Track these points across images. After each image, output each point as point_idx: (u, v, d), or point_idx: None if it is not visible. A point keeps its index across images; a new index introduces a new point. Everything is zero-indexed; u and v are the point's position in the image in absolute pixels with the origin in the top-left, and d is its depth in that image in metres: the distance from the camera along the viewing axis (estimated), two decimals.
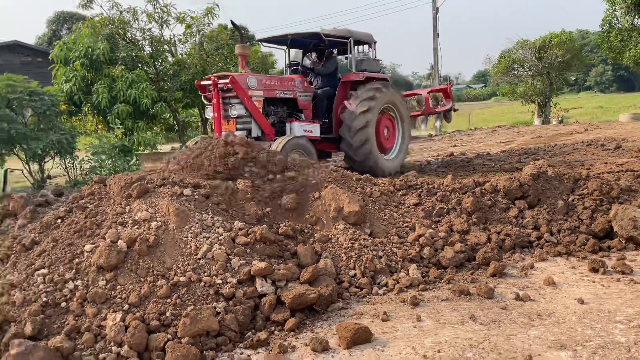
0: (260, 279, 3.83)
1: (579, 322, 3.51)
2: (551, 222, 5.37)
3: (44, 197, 6.95)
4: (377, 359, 3.18)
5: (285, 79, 7.95)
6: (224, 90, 7.15)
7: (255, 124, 7.32)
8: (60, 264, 3.89)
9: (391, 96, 8.51)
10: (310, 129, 7.77)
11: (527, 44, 25.14)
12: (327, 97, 8.35)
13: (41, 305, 3.49)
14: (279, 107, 7.91)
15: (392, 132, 8.72)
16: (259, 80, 7.39)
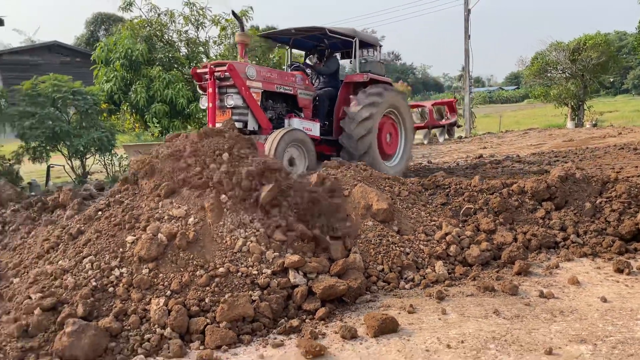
0: (293, 271, 4.04)
1: (600, 319, 3.61)
2: (578, 224, 5.43)
3: (87, 191, 7.35)
4: (403, 347, 3.36)
5: (287, 74, 7.66)
6: (221, 78, 6.77)
7: (252, 116, 6.87)
8: (105, 252, 4.16)
9: (394, 100, 8.20)
10: (310, 127, 7.44)
11: (561, 46, 24.75)
12: (328, 97, 8.06)
13: (91, 289, 3.77)
14: (278, 102, 7.54)
15: (395, 137, 8.36)
16: (258, 71, 7.03)
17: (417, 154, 12.93)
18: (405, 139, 8.55)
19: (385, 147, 8.14)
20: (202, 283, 3.80)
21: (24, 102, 9.92)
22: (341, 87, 8.15)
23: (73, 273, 4.01)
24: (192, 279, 3.85)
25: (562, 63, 25.16)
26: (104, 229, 4.43)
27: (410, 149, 8.88)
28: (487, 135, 18.31)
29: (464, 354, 3.22)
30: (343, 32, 7.91)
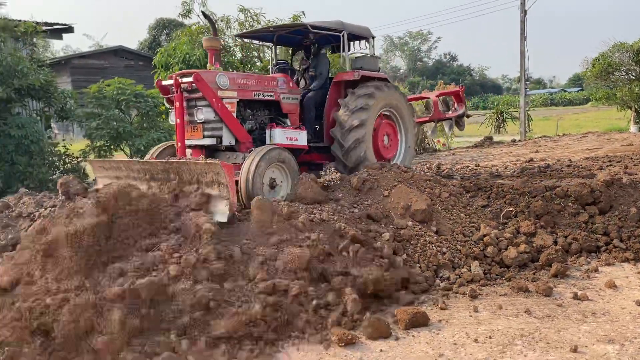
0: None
1: (632, 322, 3.64)
2: (622, 229, 5.38)
3: None
4: (432, 339, 3.53)
5: (266, 78, 6.79)
6: (189, 91, 6.01)
7: (227, 130, 6.09)
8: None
9: (390, 98, 7.38)
10: (296, 137, 6.62)
11: (624, 46, 23.73)
12: (316, 99, 7.22)
13: None
14: (258, 110, 6.73)
15: (394, 138, 7.61)
16: (231, 79, 6.22)
17: (465, 157, 12.86)
18: (405, 140, 7.79)
19: (383, 151, 7.37)
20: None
21: (91, 104, 10.68)
22: (330, 87, 7.30)
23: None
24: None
25: (626, 64, 24.13)
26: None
27: (412, 150, 8.11)
28: (542, 139, 17.84)
29: (490, 348, 3.35)
30: (328, 27, 7.11)
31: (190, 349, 3.35)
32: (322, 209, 4.95)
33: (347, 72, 7.22)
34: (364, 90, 6.98)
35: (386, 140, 7.45)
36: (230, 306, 3.66)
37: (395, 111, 7.60)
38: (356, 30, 7.47)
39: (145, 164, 5.53)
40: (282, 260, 4.15)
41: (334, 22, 7.19)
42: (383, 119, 7.40)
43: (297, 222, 4.62)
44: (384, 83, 7.45)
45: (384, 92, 7.24)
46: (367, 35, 7.70)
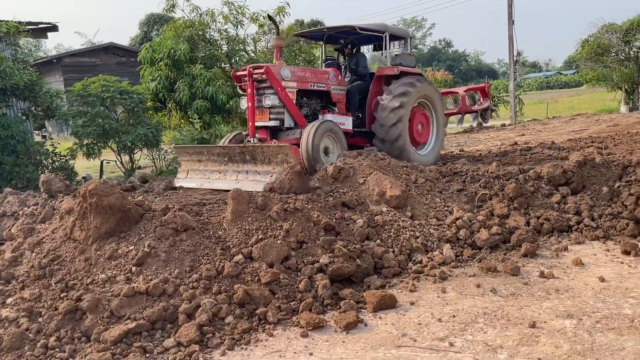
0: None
1: (593, 297, 3.75)
2: (594, 208, 5.48)
3: (131, 183, 7.97)
4: (397, 320, 3.63)
5: (320, 71, 8.04)
6: (259, 80, 7.19)
7: (288, 114, 7.35)
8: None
9: (425, 91, 8.51)
10: (343, 122, 7.87)
11: (613, 27, 23.73)
12: (359, 91, 8.44)
13: None
14: (313, 99, 7.99)
15: (427, 127, 8.73)
16: (293, 72, 7.48)
17: (452, 142, 12.95)
18: (437, 130, 8.89)
19: (417, 136, 8.52)
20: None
21: (77, 102, 10.73)
22: (373, 80, 8.52)
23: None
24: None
25: (615, 45, 24.14)
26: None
27: (442, 139, 9.20)
28: (532, 122, 17.93)
29: (452, 326, 3.46)
30: (373, 28, 8.33)
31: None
32: (297, 198, 5.04)
33: (388, 67, 8.35)
34: (404, 81, 8.17)
35: (420, 127, 8.60)
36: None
37: (429, 103, 8.71)
38: (396, 32, 8.73)
39: (224, 148, 6.80)
40: (256, 250, 4.26)
41: (377, 25, 8.44)
42: (419, 110, 8.51)
43: (272, 212, 4.72)
44: (420, 77, 8.62)
45: (420, 84, 8.38)
46: (405, 35, 8.95)
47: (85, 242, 4.36)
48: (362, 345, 3.28)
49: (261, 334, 3.53)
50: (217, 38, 13.84)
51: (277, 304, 3.84)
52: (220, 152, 6.81)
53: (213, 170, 6.95)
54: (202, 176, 7.05)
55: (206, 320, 3.54)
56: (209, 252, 4.23)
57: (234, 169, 6.62)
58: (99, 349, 3.36)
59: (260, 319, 3.71)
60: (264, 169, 6.27)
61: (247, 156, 6.43)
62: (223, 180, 6.70)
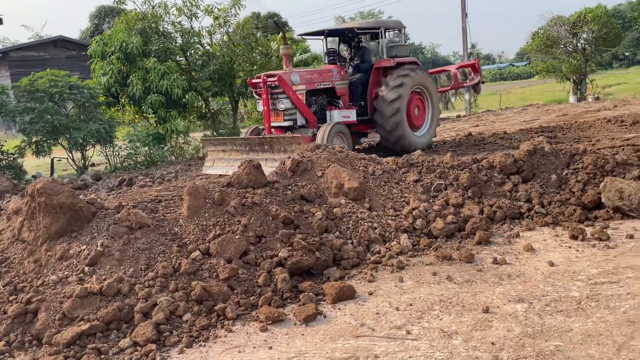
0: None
1: (543, 281, 3.89)
2: (543, 195, 5.67)
3: (83, 181, 7.74)
4: (356, 311, 3.67)
5: (324, 70, 8.90)
6: (272, 87, 8.14)
7: (300, 114, 8.34)
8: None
9: (420, 78, 9.28)
10: (348, 115, 8.75)
11: (561, 20, 24.56)
12: (361, 83, 9.21)
13: None
14: (320, 96, 8.85)
15: (422, 110, 9.54)
16: (301, 76, 8.42)
17: None
18: (432, 112, 9.71)
19: (414, 119, 9.35)
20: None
21: (24, 98, 10.31)
22: (372, 72, 9.29)
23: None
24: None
25: (563, 38, 24.99)
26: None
27: (437, 120, 10.08)
28: (486, 113, 18.39)
29: (409, 314, 3.52)
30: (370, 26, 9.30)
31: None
32: (255, 193, 5.01)
33: (385, 59, 9.17)
34: (400, 72, 8.95)
35: (416, 111, 9.38)
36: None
37: (424, 89, 9.50)
38: (390, 25, 9.66)
39: (246, 139, 8.18)
40: (213, 246, 4.22)
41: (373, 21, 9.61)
42: (414, 95, 9.28)
43: (229, 207, 4.67)
44: (415, 66, 9.40)
45: (416, 73, 9.20)
46: (399, 27, 9.69)
47: (34, 242, 4.21)
48: (321, 337, 3.30)
49: (220, 330, 3.50)
50: (170, 31, 13.57)
51: (236, 300, 3.82)
52: (242, 142, 8.11)
53: (236, 159, 8.03)
54: (226, 164, 8.20)
55: (163, 318, 3.48)
56: (165, 249, 4.16)
57: (255, 157, 7.50)
58: (51, 352, 3.26)
59: (219, 315, 3.68)
60: (280, 156, 7.40)
61: (266, 146, 7.69)
62: None
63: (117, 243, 4.10)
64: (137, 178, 8.22)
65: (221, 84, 13.07)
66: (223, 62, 12.71)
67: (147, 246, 4.14)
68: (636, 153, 6.45)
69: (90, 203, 4.50)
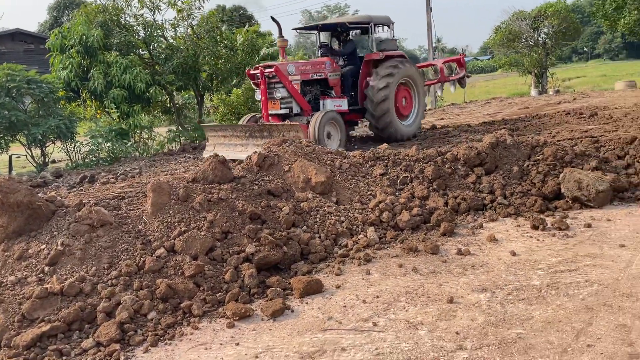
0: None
1: (505, 271, 3.98)
2: (506, 187, 5.80)
3: (43, 178, 7.51)
4: (324, 304, 3.68)
5: (318, 62, 9.41)
6: (269, 77, 8.67)
7: (296, 103, 8.82)
8: None
9: (408, 71, 9.81)
10: (340, 104, 9.25)
11: (523, 14, 25.11)
12: (352, 74, 9.73)
13: None
14: (313, 86, 9.31)
15: (410, 101, 10.09)
16: (296, 67, 8.92)
17: None
18: (418, 103, 10.26)
19: (402, 109, 9.87)
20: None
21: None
22: (362, 65, 9.81)
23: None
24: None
25: (525, 32, 25.56)
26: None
27: (423, 111, 10.69)
28: (450, 107, 18.67)
29: (376, 307, 3.56)
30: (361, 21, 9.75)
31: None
32: (221, 188, 4.96)
33: (375, 53, 9.69)
34: (389, 64, 9.50)
35: (404, 102, 9.92)
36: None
37: (411, 81, 10.02)
38: (380, 20, 9.97)
39: (246, 126, 8.71)
40: (179, 243, 4.16)
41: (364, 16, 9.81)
42: (402, 87, 9.77)
43: (195, 203, 4.61)
44: (403, 59, 9.91)
45: (404, 66, 9.72)
46: (387, 22, 10.11)
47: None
48: (289, 332, 3.30)
49: (186, 328, 3.46)
50: (133, 23, 13.27)
51: (202, 296, 3.78)
52: (242, 129, 8.64)
53: (237, 144, 8.63)
54: (227, 149, 8.64)
55: (127, 317, 3.41)
56: (129, 247, 4.08)
57: (254, 143, 8.24)
58: (10, 355, 3.16)
59: (184, 312, 3.63)
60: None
61: (265, 132, 8.23)
62: (245, 152, 8.06)
63: (78, 242, 4.00)
64: (100, 175, 8.02)
65: (185, 78, 12.86)
66: (187, 56, 12.51)
67: (109, 244, 4.05)
68: (594, 144, 6.66)
69: (50, 201, 4.37)
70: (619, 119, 8.66)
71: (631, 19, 21.20)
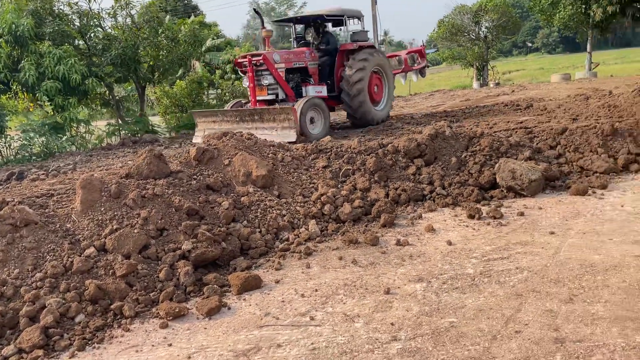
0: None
1: (441, 260, 4.05)
2: (444, 177, 5.91)
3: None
4: (262, 300, 3.63)
5: (299, 52, 9.99)
6: (257, 65, 9.22)
7: (281, 89, 9.36)
8: None
9: (378, 60, 10.53)
10: (320, 90, 9.86)
11: (465, 8, 25.76)
12: (328, 64, 10.35)
13: None
14: (295, 74, 9.89)
15: (381, 88, 10.81)
16: (281, 55, 9.50)
17: None
18: (388, 89, 11.01)
19: (374, 96, 10.56)
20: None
21: None
22: (338, 55, 10.40)
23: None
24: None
25: (467, 26, 26.25)
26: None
27: (392, 97, 11.50)
28: (396, 99, 18.89)
29: (314, 300, 3.53)
30: (337, 14, 10.37)
31: None
32: (157, 184, 4.79)
33: (349, 43, 10.42)
34: (361, 56, 10.11)
35: (376, 89, 10.62)
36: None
37: (382, 69, 10.76)
38: (352, 13, 10.69)
39: (236, 111, 9.24)
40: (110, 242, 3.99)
41: (337, 10, 10.42)
42: (374, 75, 10.51)
43: (128, 200, 4.44)
44: (373, 49, 10.64)
45: (374, 56, 10.41)
46: (359, 15, 10.85)
47: None
48: (224, 330, 3.23)
49: (117, 330, 3.33)
50: (67, 12, 12.66)
51: (134, 297, 3.64)
52: (232, 114, 9.12)
53: (227, 128, 8.58)
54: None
55: (52, 321, 3.24)
56: (56, 247, 3.88)
57: (245, 127, 8.66)
58: None
59: (115, 314, 3.49)
60: (270, 125, 8.59)
61: (257, 116, 8.75)
62: None
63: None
64: (30, 171, 7.61)
65: (124, 70, 12.40)
66: (126, 47, 12.05)
67: (34, 245, 3.83)
68: (528, 135, 6.89)
69: None
70: (552, 110, 9.01)
71: (566, 14, 22.19)
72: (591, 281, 3.41)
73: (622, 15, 19.65)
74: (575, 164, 6.19)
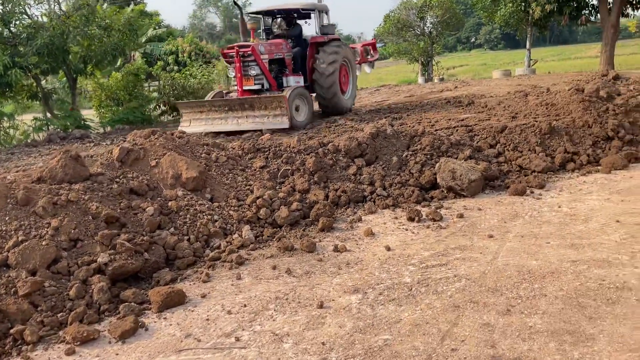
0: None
1: (379, 268, 3.86)
2: (385, 177, 5.75)
3: None
4: (184, 319, 3.32)
5: (278, 43, 10.33)
6: (244, 56, 9.45)
7: (266, 79, 9.66)
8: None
9: (345, 53, 11.15)
10: (299, 80, 10.27)
11: (410, 4, 25.95)
12: (300, 55, 10.72)
13: None
14: (275, 65, 10.22)
15: (347, 78, 11.45)
16: (265, 47, 9.81)
17: None
18: (353, 79, 11.68)
19: (342, 85, 11.05)
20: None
21: None
22: (309, 47, 10.77)
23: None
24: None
25: (412, 21, 26.47)
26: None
27: (356, 85, 12.23)
28: None
29: (242, 318, 3.26)
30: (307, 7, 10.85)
31: None
32: (72, 189, 4.36)
33: (320, 36, 10.90)
34: (331, 49, 10.61)
35: (344, 79, 11.16)
36: None
37: (348, 61, 11.36)
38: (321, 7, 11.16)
39: (225, 100, 9.32)
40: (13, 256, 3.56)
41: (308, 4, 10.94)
42: (341, 66, 11.00)
43: (37, 208, 4.00)
44: (340, 42, 11.26)
45: (342, 48, 10.98)
46: (326, 9, 11.38)
47: None
48: (138, 356, 2.90)
49: (16, 359, 2.93)
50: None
51: (39, 319, 3.25)
52: (221, 103, 9.16)
53: (215, 118, 9.10)
54: (205, 123, 9.17)
55: None
56: None
57: (234, 116, 8.95)
58: None
59: (15, 339, 3.10)
60: (261, 113, 8.79)
61: (246, 105, 8.88)
62: (225, 125, 8.93)
63: None
64: None
65: (52, 60, 11.58)
66: (53, 35, 11.25)
67: None
68: (468, 133, 6.84)
69: None
70: (492, 108, 9.05)
71: (506, 12, 22.69)
72: (529, 290, 3.30)
73: (559, 13, 20.26)
74: (514, 162, 6.18)
